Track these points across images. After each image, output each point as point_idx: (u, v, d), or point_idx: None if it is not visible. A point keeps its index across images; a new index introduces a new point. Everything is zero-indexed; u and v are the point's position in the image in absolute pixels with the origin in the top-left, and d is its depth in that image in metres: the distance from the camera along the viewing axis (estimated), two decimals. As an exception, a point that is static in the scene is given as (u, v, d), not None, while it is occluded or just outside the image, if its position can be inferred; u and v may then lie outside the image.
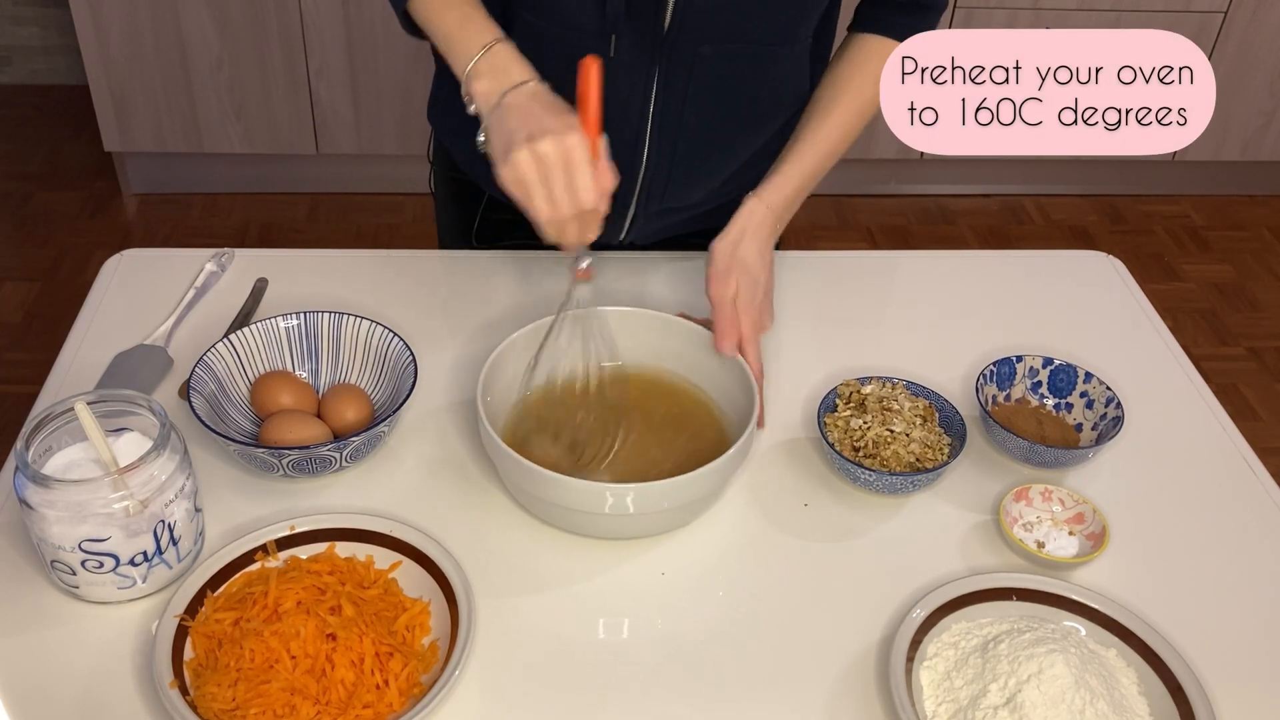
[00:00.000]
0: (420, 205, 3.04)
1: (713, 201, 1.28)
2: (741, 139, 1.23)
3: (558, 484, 0.94)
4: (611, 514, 0.96)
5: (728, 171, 1.25)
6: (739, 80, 1.16)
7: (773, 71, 1.17)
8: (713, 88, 1.15)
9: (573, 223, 0.97)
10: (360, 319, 1.12)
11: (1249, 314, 2.86)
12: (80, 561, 0.89)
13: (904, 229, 3.10)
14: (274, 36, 2.75)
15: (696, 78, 1.13)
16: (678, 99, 1.15)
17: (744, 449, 0.99)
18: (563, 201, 0.96)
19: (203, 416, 1.01)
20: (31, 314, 2.65)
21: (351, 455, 1.03)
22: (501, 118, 0.99)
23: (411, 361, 1.08)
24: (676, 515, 1.01)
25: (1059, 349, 1.23)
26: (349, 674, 0.85)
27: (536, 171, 0.95)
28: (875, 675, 0.91)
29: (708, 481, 0.97)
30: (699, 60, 1.12)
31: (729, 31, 1.11)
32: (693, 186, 1.24)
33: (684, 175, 1.22)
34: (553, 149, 0.94)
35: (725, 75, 1.14)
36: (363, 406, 1.08)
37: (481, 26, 1.04)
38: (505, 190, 0.98)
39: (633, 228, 1.27)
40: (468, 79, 1.02)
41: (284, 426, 1.04)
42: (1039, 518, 1.05)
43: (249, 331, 1.10)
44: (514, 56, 1.02)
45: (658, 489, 0.95)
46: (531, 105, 0.98)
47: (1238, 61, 2.96)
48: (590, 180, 0.95)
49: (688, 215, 1.30)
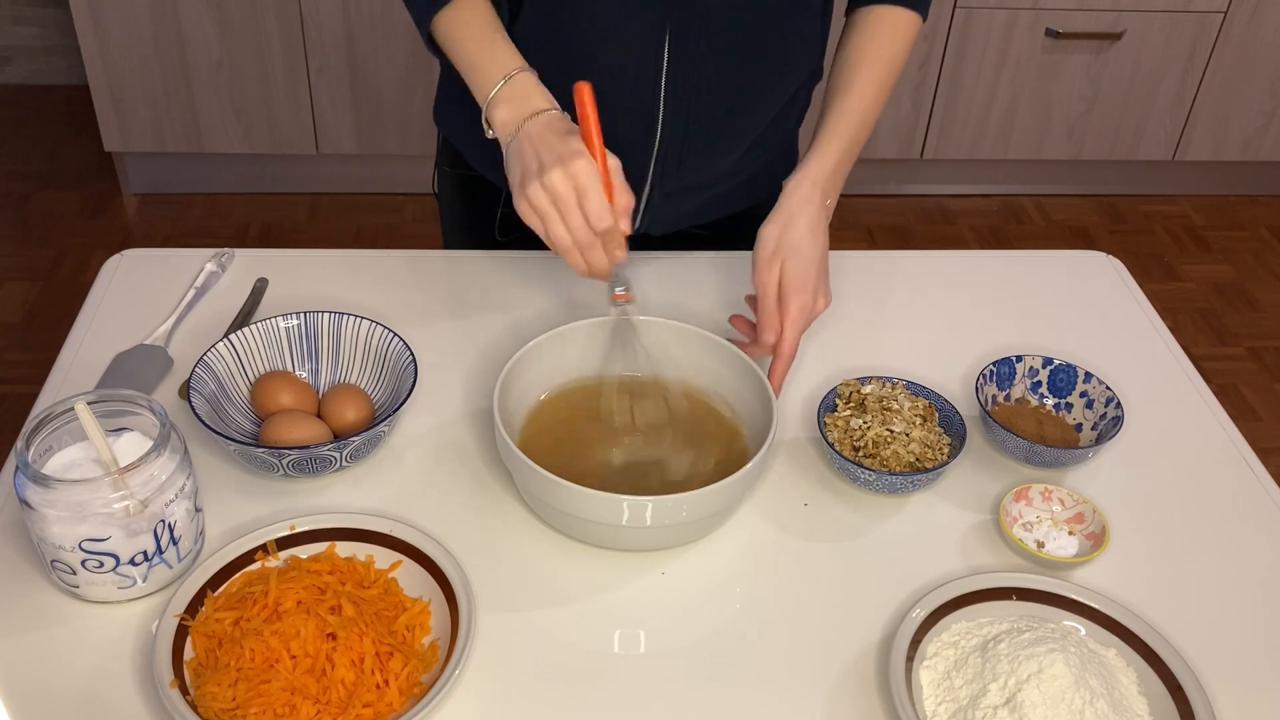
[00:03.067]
0: (420, 205, 3.04)
1: (730, 180, 1.27)
2: (756, 103, 1.21)
3: (575, 495, 0.94)
4: (629, 526, 0.96)
5: (745, 140, 1.24)
6: (750, 40, 1.14)
7: (784, 30, 1.16)
8: (724, 49, 1.14)
9: (594, 248, 0.98)
10: (360, 319, 1.12)
11: (1249, 314, 2.86)
12: (80, 561, 0.89)
13: (904, 229, 3.10)
14: (274, 36, 2.75)
15: (708, 37, 1.12)
16: (690, 62, 1.13)
17: (762, 463, 0.99)
18: (580, 229, 0.97)
19: (203, 416, 1.01)
20: (31, 314, 2.65)
21: (352, 455, 1.03)
22: (519, 148, 1.00)
23: (411, 361, 1.08)
24: (695, 528, 1.00)
25: (1059, 349, 1.24)
26: (349, 673, 0.85)
27: (549, 202, 0.97)
28: (875, 675, 0.92)
29: (727, 494, 0.97)
30: (710, 16, 1.11)
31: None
32: (711, 158, 1.23)
33: (702, 145, 1.20)
34: (560, 179, 0.96)
35: (736, 35, 1.13)
36: (363, 406, 1.08)
37: (504, 54, 1.05)
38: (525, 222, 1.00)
39: (648, 211, 1.26)
40: (489, 106, 1.04)
41: (284, 426, 1.04)
42: (1039, 517, 1.05)
43: (249, 331, 1.11)
44: (535, 86, 1.03)
45: (676, 502, 0.94)
46: (546, 135, 0.99)
47: (1238, 61, 2.96)
48: (601, 202, 0.96)
49: (705, 198, 1.28)
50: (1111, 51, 2.91)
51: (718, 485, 0.94)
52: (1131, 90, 2.99)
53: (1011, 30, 2.87)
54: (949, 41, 2.88)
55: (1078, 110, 3.01)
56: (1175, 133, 3.08)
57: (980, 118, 3.01)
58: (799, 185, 1.12)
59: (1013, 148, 3.07)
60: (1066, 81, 2.96)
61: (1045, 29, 2.87)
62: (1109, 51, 2.91)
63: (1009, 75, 2.94)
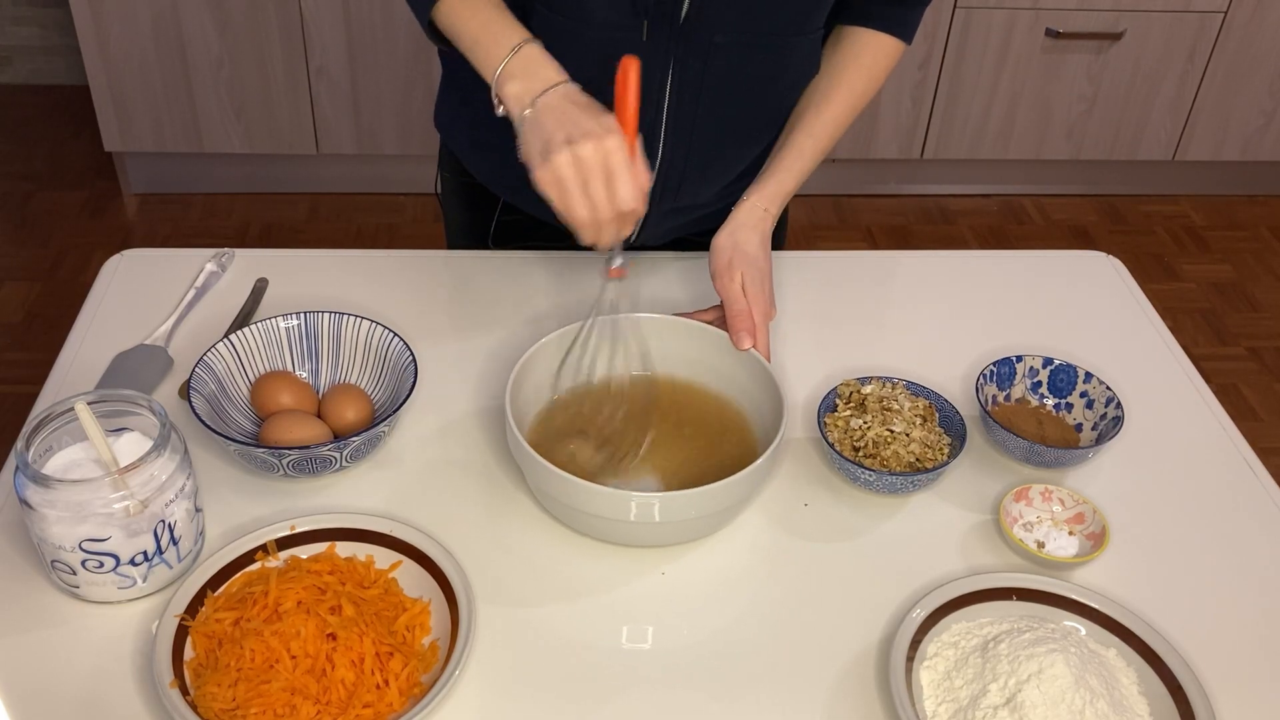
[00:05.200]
0: (420, 205, 3.04)
1: (723, 200, 1.28)
2: (756, 133, 1.23)
3: (588, 492, 0.94)
4: (637, 522, 0.96)
5: (742, 167, 1.25)
6: (753, 72, 1.16)
7: (786, 63, 1.17)
8: (727, 79, 1.15)
9: (610, 225, 0.97)
10: (360, 319, 1.12)
11: (1249, 314, 2.86)
12: (80, 561, 0.89)
13: (904, 229, 3.10)
14: (274, 36, 2.75)
15: (711, 69, 1.13)
16: (692, 91, 1.14)
17: (772, 460, 0.99)
18: (603, 205, 0.96)
19: (203, 416, 1.01)
20: (31, 314, 2.65)
21: (352, 455, 1.03)
22: (537, 120, 0.98)
23: (411, 361, 1.08)
24: (702, 524, 1.00)
25: (1059, 349, 1.24)
26: (349, 674, 0.85)
27: (576, 175, 0.95)
28: (875, 675, 0.92)
29: (735, 491, 0.97)
30: (714, 51, 1.11)
31: (744, 21, 1.11)
32: (708, 183, 1.25)
33: (700, 171, 1.22)
34: (593, 152, 0.94)
35: (739, 67, 1.14)
36: (363, 406, 1.08)
37: (509, 27, 1.03)
38: (541, 192, 0.98)
39: (645, 228, 1.27)
40: (498, 81, 1.01)
41: (284, 426, 1.04)
42: (1039, 517, 1.05)
43: (249, 331, 1.11)
44: (543, 57, 1.02)
45: (685, 498, 0.94)
46: (567, 107, 0.98)
47: (1238, 61, 2.96)
48: (631, 183, 0.95)
49: (698, 215, 1.30)
50: (1111, 51, 2.91)
51: (729, 481, 0.94)
52: (1131, 90, 2.99)
53: (1011, 30, 2.87)
54: (949, 41, 2.88)
55: (1078, 110, 3.01)
56: (1175, 133, 3.08)
57: (980, 118, 3.01)
58: (756, 203, 1.16)
59: (1013, 148, 3.07)
60: (1066, 81, 2.96)
61: (1045, 29, 2.87)
62: (1109, 51, 2.91)
63: (1009, 75, 2.94)
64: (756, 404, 1.09)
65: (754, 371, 1.09)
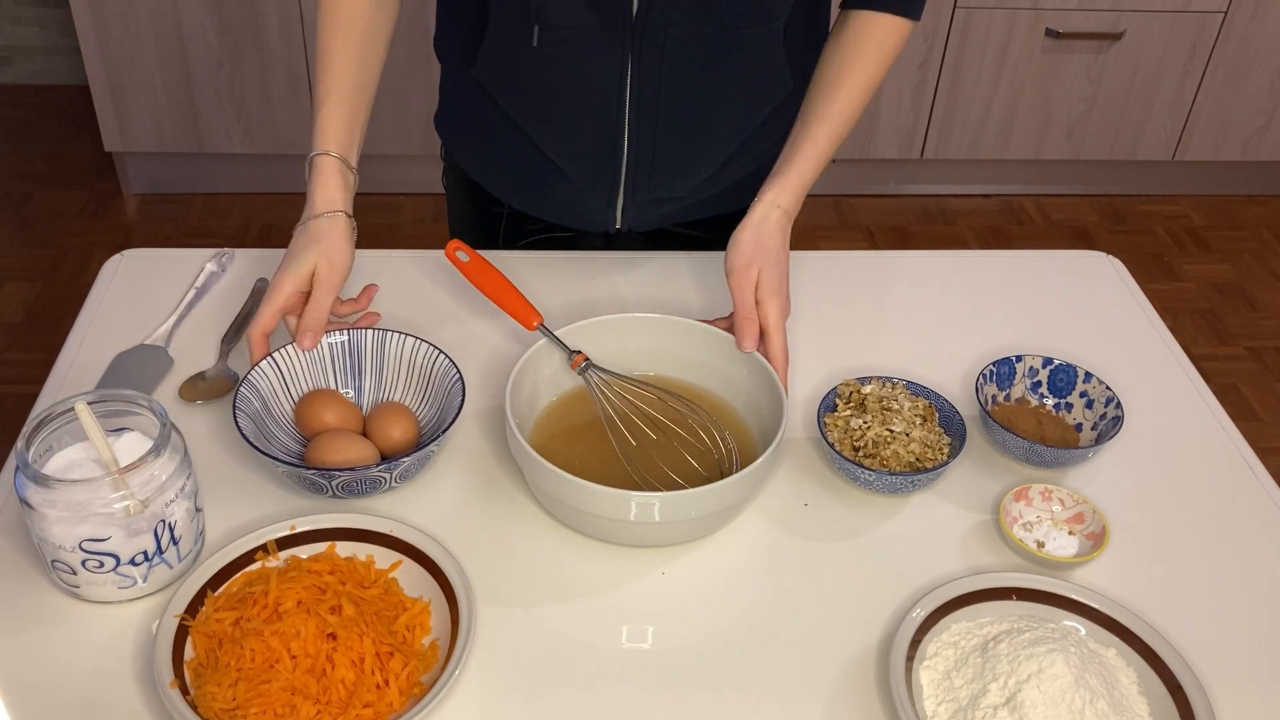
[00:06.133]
0: (420, 205, 3.04)
1: (707, 191, 1.28)
2: (722, 124, 1.23)
3: (588, 492, 0.94)
4: (637, 522, 0.96)
5: (715, 159, 1.26)
6: (711, 63, 1.16)
7: (746, 52, 1.17)
8: (686, 70, 1.15)
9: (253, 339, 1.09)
10: (405, 335, 1.11)
11: (1249, 314, 2.86)
12: (81, 561, 0.89)
13: (904, 229, 3.10)
14: (274, 36, 2.75)
15: (669, 61, 1.14)
16: (652, 86, 1.15)
17: (771, 460, 0.99)
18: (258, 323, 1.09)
19: (249, 436, 0.99)
20: (31, 314, 2.65)
21: (401, 476, 1.02)
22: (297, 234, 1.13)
23: (458, 379, 1.07)
24: (702, 524, 1.00)
25: (1059, 349, 1.24)
26: (349, 673, 0.85)
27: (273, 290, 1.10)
28: (875, 675, 0.92)
29: (735, 491, 0.97)
30: (670, 42, 1.12)
31: (697, 14, 1.11)
32: (680, 175, 1.25)
33: (668, 163, 1.23)
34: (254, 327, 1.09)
35: (697, 58, 1.15)
36: (409, 425, 1.07)
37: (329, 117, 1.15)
38: None
39: (625, 216, 1.28)
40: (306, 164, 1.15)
41: (331, 447, 1.02)
42: (1039, 517, 1.05)
43: (292, 349, 1.09)
44: (328, 177, 1.13)
45: (685, 498, 0.94)
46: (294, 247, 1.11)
47: (1238, 61, 2.96)
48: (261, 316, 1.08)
49: (680, 205, 1.30)
50: (1111, 51, 2.91)
51: (728, 481, 0.94)
52: (1131, 90, 2.99)
53: (1011, 30, 2.87)
54: (949, 41, 2.88)
55: (1078, 110, 3.01)
56: (1175, 133, 3.08)
57: (980, 118, 3.01)
58: (776, 197, 1.14)
59: (1013, 148, 3.07)
60: (1066, 81, 2.96)
61: (1045, 29, 2.87)
62: (1109, 51, 2.91)
63: (1009, 75, 2.94)
64: (756, 404, 1.09)
65: (754, 372, 1.09)
